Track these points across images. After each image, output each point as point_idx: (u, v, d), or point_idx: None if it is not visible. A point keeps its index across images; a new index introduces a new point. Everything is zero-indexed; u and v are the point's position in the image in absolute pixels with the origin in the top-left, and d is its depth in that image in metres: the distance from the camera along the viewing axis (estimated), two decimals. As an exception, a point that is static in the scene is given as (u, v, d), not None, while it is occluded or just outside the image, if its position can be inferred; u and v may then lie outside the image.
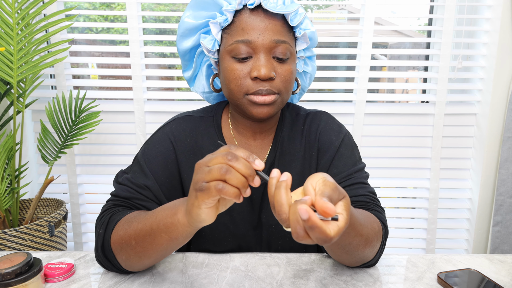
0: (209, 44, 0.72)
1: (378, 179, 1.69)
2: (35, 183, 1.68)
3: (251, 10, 0.68)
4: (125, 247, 0.62)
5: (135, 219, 0.63)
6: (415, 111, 1.62)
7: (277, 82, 0.69)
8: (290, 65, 0.71)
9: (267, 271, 0.69)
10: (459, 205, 1.70)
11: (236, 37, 0.68)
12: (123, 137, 1.64)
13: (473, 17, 1.55)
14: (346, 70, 1.77)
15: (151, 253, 0.61)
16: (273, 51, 0.69)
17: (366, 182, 0.76)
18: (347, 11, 1.87)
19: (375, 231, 0.64)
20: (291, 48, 0.71)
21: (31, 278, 0.60)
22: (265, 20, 0.68)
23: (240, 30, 0.68)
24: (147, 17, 1.68)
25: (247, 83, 0.68)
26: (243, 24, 0.68)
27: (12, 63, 1.27)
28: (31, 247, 1.29)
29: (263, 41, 0.67)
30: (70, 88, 1.58)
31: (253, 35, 0.67)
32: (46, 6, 1.27)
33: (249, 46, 0.67)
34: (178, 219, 0.55)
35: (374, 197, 0.74)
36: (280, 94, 0.70)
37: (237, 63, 0.69)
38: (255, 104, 0.69)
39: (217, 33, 0.71)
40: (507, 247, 1.60)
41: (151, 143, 0.77)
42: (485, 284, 0.64)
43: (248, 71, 0.68)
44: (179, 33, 0.76)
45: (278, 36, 0.68)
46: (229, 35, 0.70)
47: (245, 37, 0.67)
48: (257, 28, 0.67)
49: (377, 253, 0.68)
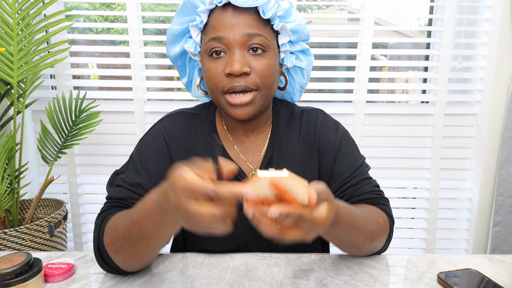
0: (191, 48, 0.73)
1: (378, 179, 1.66)
2: (35, 183, 1.68)
3: (221, 8, 0.68)
4: (119, 250, 0.61)
5: (120, 223, 0.60)
6: (415, 111, 1.62)
7: (253, 77, 0.68)
8: (267, 59, 0.69)
9: (267, 271, 0.69)
10: (459, 205, 1.70)
11: (210, 35, 0.69)
12: (123, 138, 1.64)
13: (473, 17, 1.55)
14: (346, 70, 1.77)
15: (147, 253, 0.60)
16: (246, 45, 0.68)
17: (369, 176, 0.79)
18: (347, 11, 1.87)
19: (381, 225, 0.69)
20: (268, 41, 0.69)
21: (31, 278, 0.60)
22: (236, 16, 0.67)
23: (212, 28, 0.68)
24: (147, 18, 1.68)
25: (223, 80, 0.68)
26: (214, 22, 0.68)
27: (12, 63, 1.27)
28: (31, 247, 1.29)
29: (234, 36, 0.67)
30: (70, 89, 1.58)
31: (224, 31, 0.67)
32: (46, 6, 1.27)
33: (221, 43, 0.67)
34: (169, 224, 0.52)
35: (379, 191, 0.78)
36: (258, 90, 0.69)
37: (212, 62, 0.69)
38: (233, 106, 0.69)
39: (197, 35, 0.72)
40: (507, 247, 1.60)
41: (145, 140, 0.77)
42: (485, 284, 0.64)
43: (222, 68, 0.68)
44: (167, 41, 0.77)
45: (250, 29, 0.67)
46: (204, 35, 0.71)
47: (216, 34, 0.67)
48: (228, 24, 0.67)
49: (386, 243, 0.74)
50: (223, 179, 0.50)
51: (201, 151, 0.77)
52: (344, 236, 0.63)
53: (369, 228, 0.66)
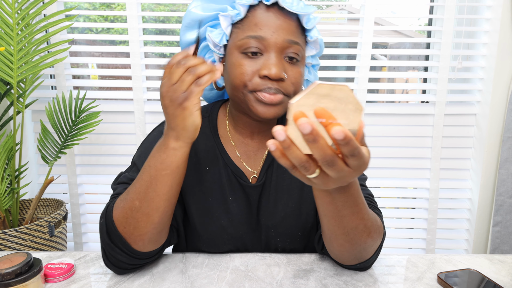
0: (217, 38, 0.69)
1: (378, 179, 1.69)
2: (35, 183, 1.68)
3: (266, 6, 0.66)
4: (130, 213, 0.62)
5: (127, 190, 0.64)
6: (415, 111, 1.62)
7: (287, 83, 0.67)
8: (300, 68, 0.69)
9: (267, 271, 0.69)
10: (459, 205, 1.70)
11: (248, 32, 0.66)
12: (123, 137, 1.64)
13: (473, 17, 1.55)
14: (346, 70, 1.77)
15: (159, 202, 0.61)
16: (285, 51, 0.66)
17: (365, 184, 0.77)
18: (347, 11, 1.87)
19: (378, 224, 0.64)
20: (303, 51, 0.69)
21: (31, 278, 0.59)
22: (280, 18, 0.65)
23: (253, 25, 0.66)
24: (147, 18, 1.68)
25: (255, 80, 0.66)
26: (256, 20, 0.66)
27: (12, 63, 1.27)
28: (31, 247, 1.29)
29: (276, 39, 0.65)
30: (70, 88, 1.58)
31: (266, 31, 0.65)
32: (46, 6, 1.27)
33: (261, 43, 0.65)
34: (173, 147, 0.60)
35: (372, 199, 0.74)
36: (288, 96, 0.68)
37: (245, 59, 0.66)
38: (261, 103, 0.67)
39: (227, 27, 0.68)
40: (507, 247, 1.60)
41: (147, 143, 0.76)
42: (485, 284, 0.64)
43: (257, 68, 0.66)
44: (184, 24, 0.72)
45: (292, 36, 0.66)
46: (240, 30, 0.67)
47: (258, 33, 0.65)
48: (272, 25, 0.65)
49: (375, 253, 0.67)
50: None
51: (203, 154, 0.76)
52: (347, 212, 0.56)
53: (368, 218, 0.60)
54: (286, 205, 0.76)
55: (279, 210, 0.76)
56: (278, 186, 0.76)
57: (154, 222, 0.63)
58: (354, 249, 0.63)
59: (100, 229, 0.66)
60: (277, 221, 0.76)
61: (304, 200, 0.76)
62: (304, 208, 0.77)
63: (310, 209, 0.77)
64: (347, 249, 0.63)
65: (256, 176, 0.77)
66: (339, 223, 0.58)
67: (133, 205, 0.61)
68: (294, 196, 0.76)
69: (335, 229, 0.60)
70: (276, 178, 0.76)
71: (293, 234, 0.77)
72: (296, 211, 0.76)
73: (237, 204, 0.75)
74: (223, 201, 0.75)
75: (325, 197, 0.55)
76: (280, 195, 0.76)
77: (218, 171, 0.75)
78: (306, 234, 0.78)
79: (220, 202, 0.75)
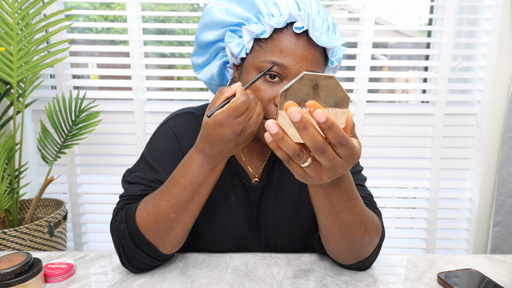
0: (236, 49, 0.65)
1: (378, 179, 1.69)
2: (35, 183, 1.68)
3: (295, 33, 0.62)
4: (163, 224, 0.63)
5: (158, 197, 0.64)
6: (415, 111, 1.62)
7: None
8: None
9: (267, 271, 0.69)
10: (459, 205, 1.70)
11: (272, 56, 0.62)
12: (123, 137, 1.64)
13: (473, 17, 1.55)
14: (346, 70, 1.77)
15: (198, 210, 0.65)
16: None
17: (364, 184, 0.77)
18: (347, 11, 1.87)
19: (375, 221, 0.64)
20: None
21: (31, 278, 0.59)
22: (307, 49, 0.63)
23: (278, 51, 0.62)
24: (147, 17, 1.68)
25: (269, 108, 0.64)
26: (282, 45, 0.62)
27: (12, 63, 1.27)
28: (31, 247, 1.29)
29: (298, 69, 0.62)
30: (70, 88, 1.58)
31: (291, 61, 0.62)
32: (46, 6, 1.27)
33: (282, 70, 0.62)
34: (220, 168, 0.64)
35: (371, 199, 0.74)
36: None
37: (264, 84, 0.64)
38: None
39: (249, 41, 0.65)
40: (507, 247, 1.60)
41: (156, 139, 0.76)
42: (485, 284, 0.64)
43: (273, 96, 0.63)
44: (203, 22, 0.68)
45: (315, 67, 0.64)
46: (263, 50, 0.64)
47: (282, 61, 0.62)
48: (297, 55, 0.62)
49: (374, 252, 0.67)
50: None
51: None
52: (342, 208, 0.57)
53: (364, 213, 0.60)
54: (285, 206, 0.77)
55: (279, 210, 0.76)
56: (279, 187, 0.77)
57: (189, 227, 0.66)
58: (351, 247, 0.63)
59: (118, 234, 0.65)
60: (276, 221, 0.76)
61: (303, 201, 0.77)
62: (303, 208, 0.77)
63: (308, 209, 0.77)
64: (344, 247, 0.63)
65: (257, 177, 0.77)
66: (335, 219, 0.59)
67: (167, 217, 0.63)
68: (293, 197, 0.77)
69: (331, 226, 0.60)
70: (277, 180, 0.77)
71: (292, 234, 0.77)
72: (295, 212, 0.77)
73: (239, 203, 0.76)
74: (225, 199, 0.76)
75: (320, 193, 0.56)
76: (280, 196, 0.77)
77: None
78: (305, 234, 0.78)
79: (222, 200, 0.76)
